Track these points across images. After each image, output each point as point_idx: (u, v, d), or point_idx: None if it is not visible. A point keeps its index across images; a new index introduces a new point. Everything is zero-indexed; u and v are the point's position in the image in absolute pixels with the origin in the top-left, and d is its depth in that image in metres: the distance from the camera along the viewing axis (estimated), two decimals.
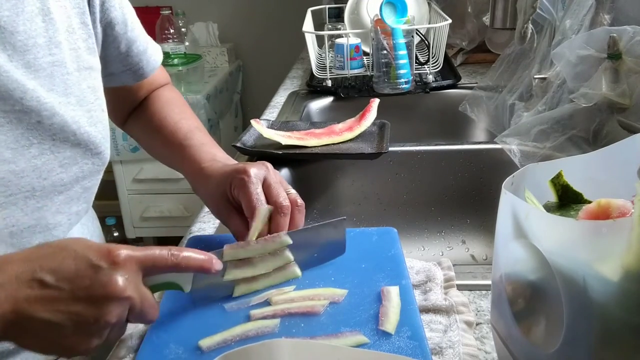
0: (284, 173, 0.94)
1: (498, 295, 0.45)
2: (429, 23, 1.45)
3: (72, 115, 0.60)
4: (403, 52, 1.20)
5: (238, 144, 0.94)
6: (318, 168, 0.99)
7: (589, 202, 0.44)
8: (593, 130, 0.86)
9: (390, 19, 1.18)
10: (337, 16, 1.68)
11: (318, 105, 1.31)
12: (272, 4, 2.51)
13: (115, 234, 2.21)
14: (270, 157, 0.86)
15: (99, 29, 0.67)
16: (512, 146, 0.90)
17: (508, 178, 0.43)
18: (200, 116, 1.82)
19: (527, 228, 0.39)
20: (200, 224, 0.79)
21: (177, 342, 0.53)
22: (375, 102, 1.03)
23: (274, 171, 0.65)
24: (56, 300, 0.45)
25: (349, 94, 1.29)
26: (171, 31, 2.20)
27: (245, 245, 0.58)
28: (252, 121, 0.98)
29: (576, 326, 0.35)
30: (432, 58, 1.32)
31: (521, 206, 0.40)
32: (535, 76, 0.99)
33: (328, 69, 1.35)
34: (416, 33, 1.31)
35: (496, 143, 0.94)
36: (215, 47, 2.47)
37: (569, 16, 0.93)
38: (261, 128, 0.95)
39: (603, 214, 0.39)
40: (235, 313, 0.56)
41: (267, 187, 0.62)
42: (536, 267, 0.38)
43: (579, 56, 0.86)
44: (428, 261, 0.65)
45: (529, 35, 0.97)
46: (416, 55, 1.32)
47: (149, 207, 2.20)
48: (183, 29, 2.32)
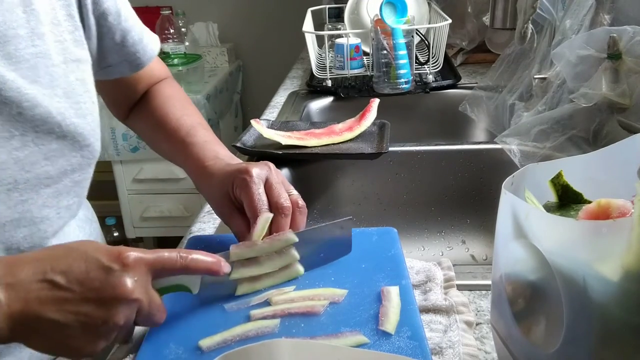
0: (284, 173, 0.94)
1: (498, 295, 0.45)
2: (429, 23, 1.45)
3: (57, 107, 0.59)
4: (403, 52, 1.20)
5: (238, 144, 0.94)
6: (318, 168, 0.99)
7: (589, 202, 0.44)
8: (593, 130, 0.86)
9: (390, 19, 1.18)
10: (337, 16, 1.68)
11: (318, 105, 1.31)
12: (272, 4, 2.51)
13: (115, 234, 2.21)
14: (270, 157, 0.86)
15: (92, 21, 0.66)
16: (512, 146, 0.90)
17: (508, 178, 0.43)
18: None
19: (527, 228, 0.39)
20: (200, 224, 0.79)
21: (177, 342, 0.53)
22: (375, 102, 1.03)
23: (277, 171, 0.65)
24: (66, 301, 0.45)
25: (349, 94, 1.29)
26: (171, 31, 2.20)
27: (251, 245, 0.58)
28: (252, 121, 0.98)
29: (576, 326, 0.35)
30: (432, 58, 1.32)
31: (521, 206, 0.40)
32: (535, 76, 0.99)
33: (328, 69, 1.35)
34: (416, 33, 1.31)
35: (496, 143, 0.94)
36: (215, 47, 2.47)
37: (569, 16, 0.93)
38: (261, 128, 0.95)
39: (603, 214, 0.39)
40: (235, 313, 0.56)
41: (269, 188, 0.62)
42: (536, 267, 0.38)
43: (579, 56, 0.86)
44: (428, 261, 0.65)
45: (529, 35, 0.97)
46: (416, 55, 1.32)
47: (149, 207, 2.21)
48: (183, 29, 2.32)
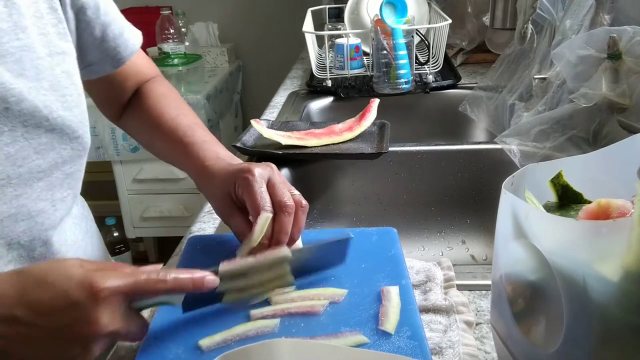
0: (284, 173, 0.94)
1: (498, 295, 0.45)
2: (429, 23, 1.45)
3: (44, 100, 0.59)
4: (403, 52, 1.20)
5: (238, 144, 0.94)
6: (318, 168, 0.99)
7: (589, 202, 0.44)
8: (593, 130, 0.86)
9: (390, 19, 1.18)
10: (337, 16, 1.68)
11: (318, 105, 1.31)
12: (272, 4, 2.51)
13: (115, 234, 2.21)
14: (270, 157, 0.86)
15: (71, 15, 0.66)
16: (512, 146, 0.90)
17: (508, 178, 0.43)
18: (200, 116, 1.81)
19: (527, 228, 0.39)
20: (200, 224, 0.79)
21: (177, 342, 0.53)
22: (375, 102, 1.03)
23: (278, 172, 0.64)
24: (33, 338, 0.43)
25: (349, 94, 1.29)
26: (171, 31, 2.20)
27: (242, 262, 0.56)
28: (252, 121, 0.98)
29: (576, 326, 0.35)
30: (432, 58, 1.32)
31: (521, 206, 0.40)
32: (535, 76, 0.99)
33: (328, 69, 1.35)
34: (416, 33, 1.31)
35: (496, 143, 0.94)
36: (215, 47, 2.47)
37: (569, 16, 0.94)
38: (261, 128, 0.95)
39: (603, 214, 0.39)
40: (235, 313, 0.56)
41: (272, 187, 0.62)
42: (536, 267, 0.38)
43: (579, 56, 0.86)
44: (428, 261, 0.65)
45: (529, 35, 0.97)
46: (416, 55, 1.32)
47: (149, 207, 2.20)
48: (183, 29, 2.32)
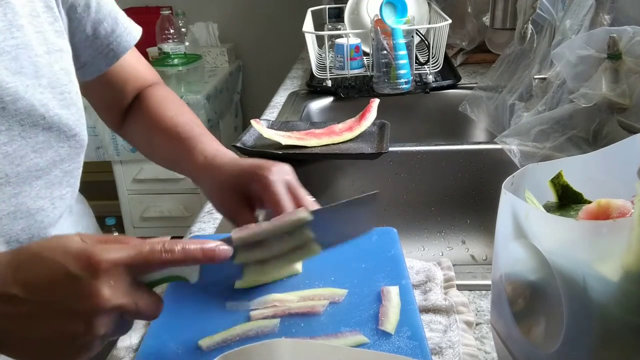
0: None
1: (498, 295, 0.45)
2: (429, 23, 1.45)
3: (40, 98, 0.59)
4: (403, 52, 1.20)
5: (238, 144, 0.94)
6: (318, 168, 0.99)
7: (589, 202, 0.44)
8: (593, 130, 0.86)
9: (390, 19, 1.18)
10: (337, 16, 1.68)
11: (318, 105, 1.31)
12: (272, 4, 2.51)
13: (115, 234, 2.20)
14: (270, 157, 0.86)
15: (63, 13, 0.66)
16: (512, 146, 0.90)
17: (508, 178, 0.43)
18: (200, 116, 1.82)
19: (527, 228, 0.39)
20: (200, 224, 0.79)
21: (177, 342, 0.53)
22: (375, 102, 1.03)
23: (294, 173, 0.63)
24: (33, 316, 0.42)
25: (349, 94, 1.29)
26: (171, 31, 2.20)
27: (256, 228, 0.52)
28: (252, 121, 0.98)
29: (576, 326, 0.35)
30: (432, 58, 1.32)
31: (521, 206, 0.40)
32: (535, 76, 0.99)
33: (328, 69, 1.35)
34: (416, 33, 1.31)
35: (496, 143, 0.94)
36: (215, 47, 2.47)
37: (569, 16, 0.93)
38: (261, 128, 0.95)
39: (603, 214, 0.39)
40: (235, 313, 0.56)
41: (293, 188, 0.60)
42: (536, 267, 0.38)
43: (579, 56, 0.86)
44: (428, 261, 0.65)
45: (529, 35, 0.97)
46: (416, 55, 1.32)
47: (149, 207, 2.21)
48: (183, 29, 2.32)
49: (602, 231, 0.33)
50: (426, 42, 1.40)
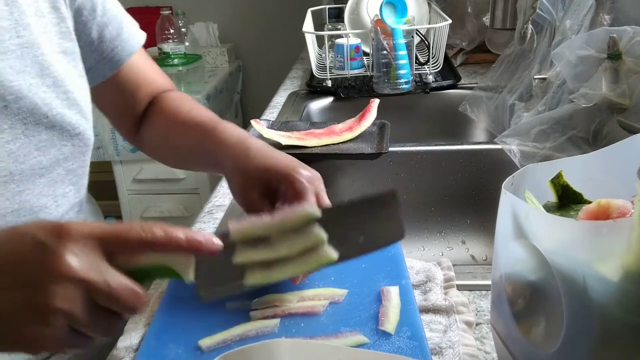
0: None
1: (498, 295, 0.45)
2: (429, 23, 1.45)
3: (44, 97, 0.59)
4: (403, 53, 1.20)
5: None
6: (318, 168, 0.98)
7: (589, 202, 0.44)
8: (593, 130, 0.86)
9: (390, 19, 1.18)
10: (337, 16, 1.68)
11: (318, 105, 1.31)
12: (272, 4, 2.51)
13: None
14: None
15: (70, 15, 0.66)
16: (512, 146, 0.90)
17: (508, 178, 0.43)
18: None
19: (527, 228, 0.39)
20: (200, 224, 0.79)
21: (177, 342, 0.53)
22: (375, 103, 1.03)
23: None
24: (1, 289, 0.40)
25: (349, 94, 1.29)
26: (171, 31, 2.20)
27: (256, 220, 0.47)
28: (252, 121, 0.98)
29: (576, 326, 0.35)
30: (432, 58, 1.32)
31: (521, 206, 0.40)
32: (535, 76, 0.99)
33: (328, 69, 1.35)
34: (416, 33, 1.31)
35: (496, 143, 0.94)
36: (215, 47, 2.47)
37: (569, 16, 0.94)
38: (261, 128, 0.95)
39: (603, 214, 0.39)
40: (235, 313, 0.56)
41: (319, 199, 0.58)
42: (536, 267, 0.38)
43: (579, 56, 0.86)
44: (428, 261, 0.65)
45: (529, 35, 0.97)
46: (416, 55, 1.32)
47: (149, 207, 2.20)
48: (183, 29, 2.32)
49: (602, 231, 0.33)
50: (426, 42, 1.40)
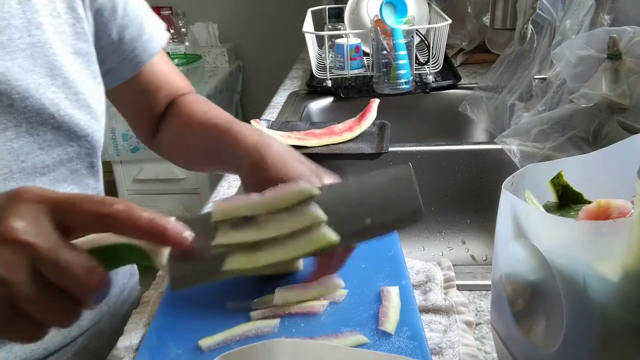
0: None
1: (498, 295, 0.45)
2: (429, 23, 1.45)
3: (52, 97, 0.59)
4: (403, 53, 1.20)
5: None
6: None
7: (589, 203, 0.44)
8: (593, 130, 0.86)
9: (390, 19, 1.18)
10: (337, 16, 1.68)
11: (318, 105, 1.31)
12: (272, 4, 2.51)
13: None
14: None
15: (90, 16, 0.66)
16: (512, 146, 0.90)
17: (508, 178, 0.43)
18: None
19: (527, 228, 0.39)
20: None
21: (177, 342, 0.53)
22: (375, 103, 1.03)
23: None
24: None
25: (349, 94, 1.29)
26: (171, 31, 2.21)
27: (245, 199, 0.41)
28: (252, 121, 0.98)
29: (576, 326, 0.35)
30: (432, 58, 1.32)
31: (521, 206, 0.40)
32: (535, 76, 0.99)
33: (328, 69, 1.35)
34: (416, 33, 1.31)
35: (496, 143, 0.94)
36: (215, 47, 2.47)
37: (569, 16, 0.94)
38: (261, 128, 0.95)
39: (603, 214, 0.39)
40: (235, 313, 0.56)
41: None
42: (536, 267, 0.38)
43: (579, 56, 0.86)
44: (428, 261, 0.65)
45: (529, 35, 0.97)
46: (416, 55, 1.32)
47: (149, 207, 2.20)
48: (183, 29, 2.32)
49: (602, 231, 0.33)
50: (426, 42, 1.40)
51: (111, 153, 2.07)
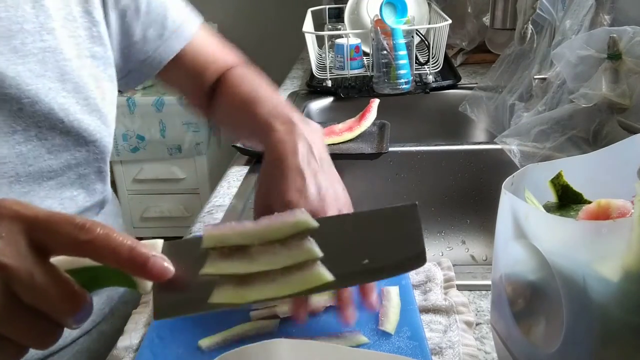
0: None
1: (498, 295, 0.45)
2: (429, 23, 1.45)
3: (62, 102, 0.59)
4: (403, 53, 1.20)
5: (238, 144, 0.94)
6: None
7: (589, 203, 0.44)
8: (593, 130, 0.86)
9: (390, 19, 1.18)
10: (337, 16, 1.68)
11: (318, 105, 1.31)
12: (273, 4, 2.51)
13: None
14: None
15: (114, 17, 0.66)
16: (512, 146, 0.90)
17: (508, 178, 0.43)
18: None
19: (527, 228, 0.39)
20: (200, 224, 0.79)
21: (177, 342, 0.53)
22: (375, 103, 1.03)
23: None
24: None
25: (349, 94, 1.29)
26: None
27: (237, 227, 0.39)
28: None
29: (576, 326, 0.35)
30: (432, 58, 1.32)
31: (521, 206, 0.40)
32: (535, 76, 0.99)
33: (328, 69, 1.35)
34: (416, 33, 1.31)
35: (496, 143, 0.94)
36: None
37: (569, 16, 0.94)
38: None
39: (603, 214, 0.39)
40: (235, 313, 0.56)
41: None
42: (536, 268, 0.38)
43: (579, 56, 0.86)
44: (428, 261, 0.65)
45: (529, 35, 0.97)
46: (416, 55, 1.32)
47: (149, 207, 2.21)
48: None
49: (602, 231, 0.33)
50: (426, 42, 1.40)
51: (111, 153, 2.07)
